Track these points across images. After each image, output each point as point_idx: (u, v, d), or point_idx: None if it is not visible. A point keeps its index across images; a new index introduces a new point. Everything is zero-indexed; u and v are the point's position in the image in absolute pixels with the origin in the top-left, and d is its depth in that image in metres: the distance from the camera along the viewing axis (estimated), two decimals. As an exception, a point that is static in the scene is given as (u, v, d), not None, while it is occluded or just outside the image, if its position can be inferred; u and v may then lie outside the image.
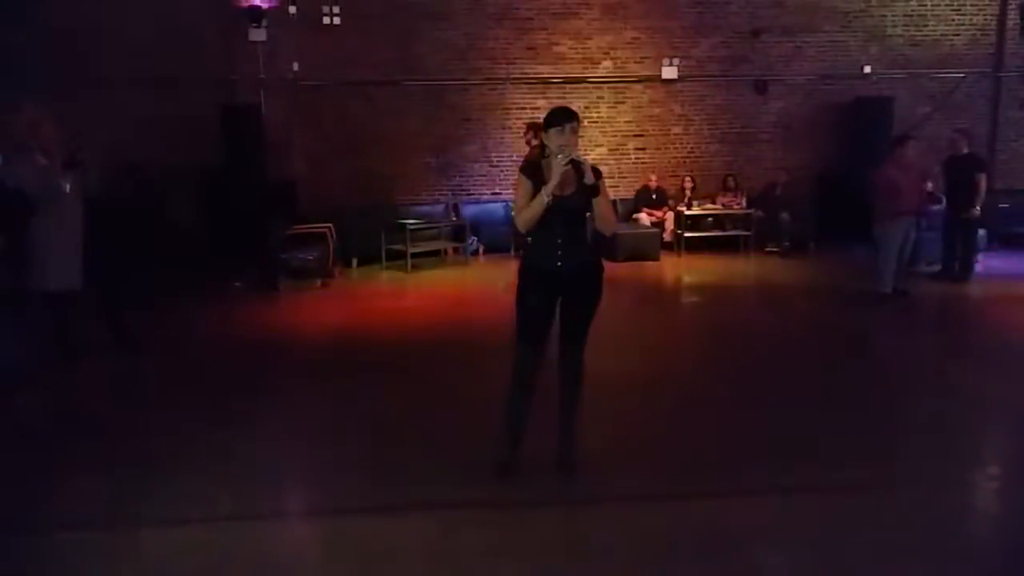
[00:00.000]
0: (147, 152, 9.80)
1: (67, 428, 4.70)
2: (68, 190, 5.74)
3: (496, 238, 11.00)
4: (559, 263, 3.74)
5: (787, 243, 10.89)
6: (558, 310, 3.83)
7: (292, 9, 10.56)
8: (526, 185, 3.69)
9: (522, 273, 3.85)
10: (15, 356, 4.53)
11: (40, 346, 5.72)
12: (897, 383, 5.59)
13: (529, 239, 3.79)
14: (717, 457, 4.19)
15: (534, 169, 3.73)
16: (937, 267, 8.97)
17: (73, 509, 3.73)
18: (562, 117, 3.68)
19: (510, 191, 11.33)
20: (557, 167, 3.58)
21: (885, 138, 11.19)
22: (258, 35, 10.45)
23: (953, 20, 11.97)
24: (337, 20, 10.75)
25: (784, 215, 10.88)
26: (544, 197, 3.61)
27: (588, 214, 3.77)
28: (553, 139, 3.68)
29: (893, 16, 11.88)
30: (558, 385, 3.91)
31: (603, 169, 4.02)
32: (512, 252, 10.56)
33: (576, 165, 3.60)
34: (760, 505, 3.66)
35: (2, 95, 9.43)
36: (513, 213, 3.77)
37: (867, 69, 11.85)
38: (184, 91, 10.11)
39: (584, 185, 3.67)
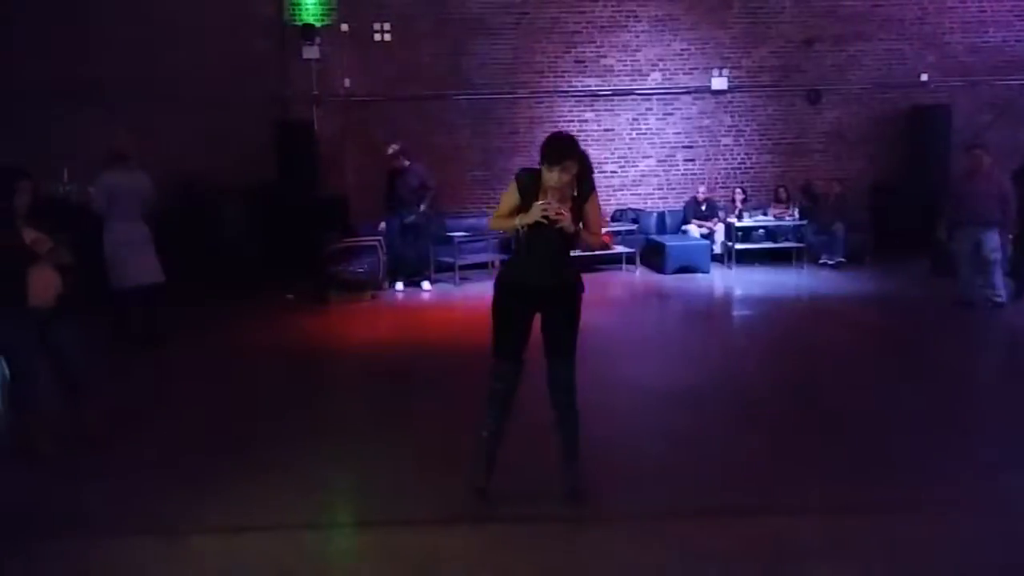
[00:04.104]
0: (203, 166, 10.09)
1: (125, 434, 4.83)
2: None
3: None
4: (540, 279, 3.65)
5: (842, 259, 10.61)
6: (538, 327, 3.74)
7: (344, 27, 10.79)
8: (513, 195, 3.63)
9: (499, 286, 3.78)
10: (83, 362, 4.68)
11: (96, 353, 5.90)
12: (962, 399, 5.39)
13: (515, 250, 3.76)
14: (777, 473, 4.11)
15: (529, 182, 3.62)
16: None
17: (134, 513, 3.83)
18: (554, 157, 3.52)
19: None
20: (535, 210, 3.49)
21: (943, 147, 10.95)
22: (311, 52, 10.69)
23: (1014, 25, 11.61)
24: (388, 37, 10.92)
25: (838, 226, 10.64)
26: (517, 224, 3.56)
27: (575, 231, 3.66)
28: (545, 173, 3.56)
29: (951, 23, 11.58)
30: (551, 408, 3.79)
31: (652, 180, 3.99)
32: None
33: (575, 181, 3.54)
34: (823, 522, 3.57)
35: (67, 111, 9.86)
36: (493, 214, 3.73)
37: (924, 77, 11.56)
38: (240, 107, 10.37)
39: (575, 200, 3.59)
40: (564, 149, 3.54)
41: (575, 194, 3.63)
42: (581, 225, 3.67)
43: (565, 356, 3.74)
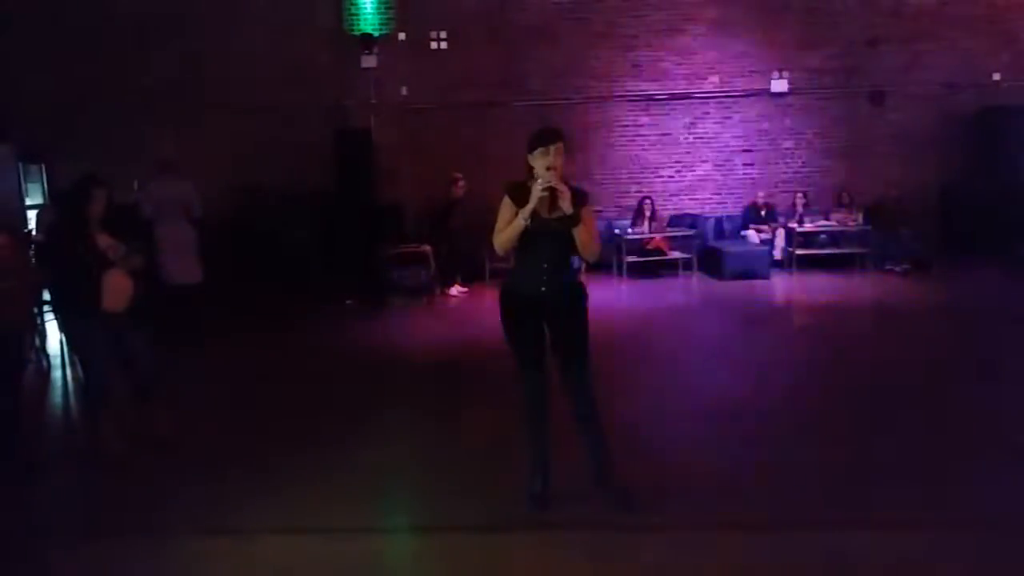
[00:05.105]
0: (265, 174, 10.35)
1: (192, 437, 4.96)
2: None
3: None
4: (543, 288, 3.62)
5: (907, 265, 10.26)
6: (548, 335, 3.70)
7: (401, 36, 10.95)
8: (509, 207, 3.61)
9: (504, 297, 3.74)
10: (154, 366, 4.82)
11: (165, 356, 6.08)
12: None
13: (514, 262, 3.72)
14: (843, 486, 3.99)
15: (519, 191, 3.61)
16: None
17: (202, 513, 3.93)
18: (546, 138, 3.55)
19: (613, 210, 11.27)
20: (536, 191, 3.48)
21: (1017, 150, 10.53)
22: (369, 62, 10.88)
23: (1094, 21, 11.12)
24: (444, 45, 11.04)
25: (903, 231, 10.32)
26: (520, 221, 3.51)
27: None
28: (537, 160, 3.55)
29: (1025, 19, 11.16)
30: (572, 418, 3.75)
31: (710, 185, 3.93)
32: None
33: (552, 192, 3.48)
34: (888, 539, 3.45)
35: (138, 122, 10.22)
36: (493, 235, 3.64)
37: (996, 76, 11.15)
38: (300, 116, 10.60)
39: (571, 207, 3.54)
40: (554, 131, 3.60)
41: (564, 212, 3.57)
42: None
43: (575, 367, 3.69)
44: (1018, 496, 3.83)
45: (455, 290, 9.90)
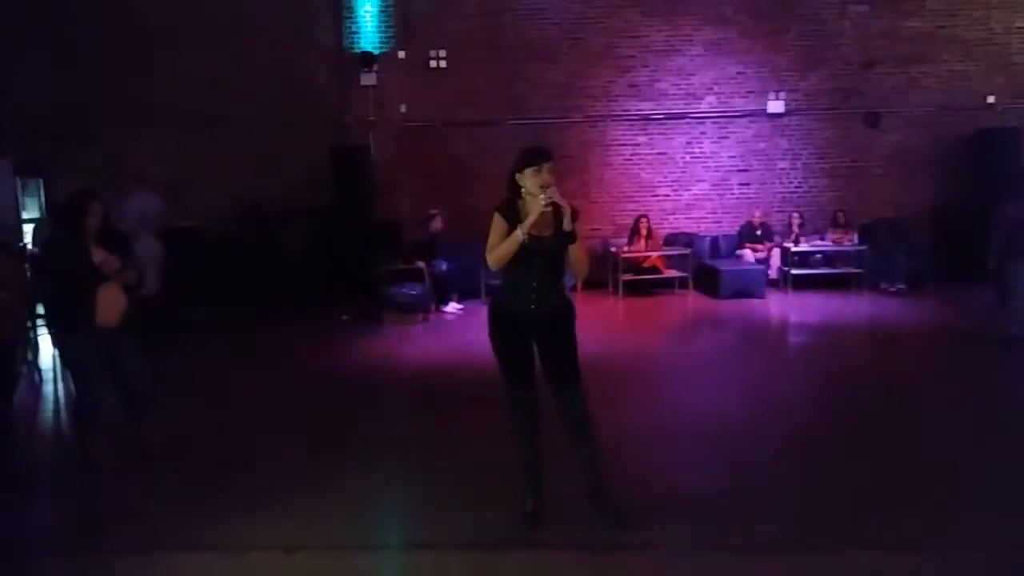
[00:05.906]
0: (264, 190, 10.38)
1: (184, 452, 4.94)
2: None
3: (593, 273, 10.93)
4: (532, 306, 3.63)
5: (902, 285, 10.30)
6: (537, 354, 3.70)
7: (401, 54, 11.02)
8: (501, 223, 3.61)
9: (493, 315, 3.75)
10: (146, 380, 4.81)
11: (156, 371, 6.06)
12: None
13: (504, 279, 3.73)
14: (834, 507, 3.98)
15: (509, 208, 3.63)
16: None
17: (192, 529, 3.91)
18: (538, 156, 3.58)
19: (609, 227, 11.30)
20: (536, 206, 3.49)
21: (1012, 172, 10.57)
22: (369, 79, 10.94)
23: (1087, 45, 11.21)
24: (443, 63, 11.11)
25: (899, 252, 10.36)
26: (519, 235, 3.51)
27: (565, 256, 3.65)
28: (529, 179, 3.57)
29: (1020, 43, 11.24)
30: (565, 437, 3.73)
31: (706, 204, 3.95)
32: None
33: (556, 208, 3.51)
34: (879, 560, 3.45)
35: (138, 138, 10.26)
36: (487, 252, 3.63)
37: (991, 99, 11.23)
38: (300, 133, 10.64)
39: (562, 226, 3.56)
40: (544, 151, 3.64)
41: (563, 228, 3.59)
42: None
43: (569, 383, 3.68)
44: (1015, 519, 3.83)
45: (451, 307, 9.92)
